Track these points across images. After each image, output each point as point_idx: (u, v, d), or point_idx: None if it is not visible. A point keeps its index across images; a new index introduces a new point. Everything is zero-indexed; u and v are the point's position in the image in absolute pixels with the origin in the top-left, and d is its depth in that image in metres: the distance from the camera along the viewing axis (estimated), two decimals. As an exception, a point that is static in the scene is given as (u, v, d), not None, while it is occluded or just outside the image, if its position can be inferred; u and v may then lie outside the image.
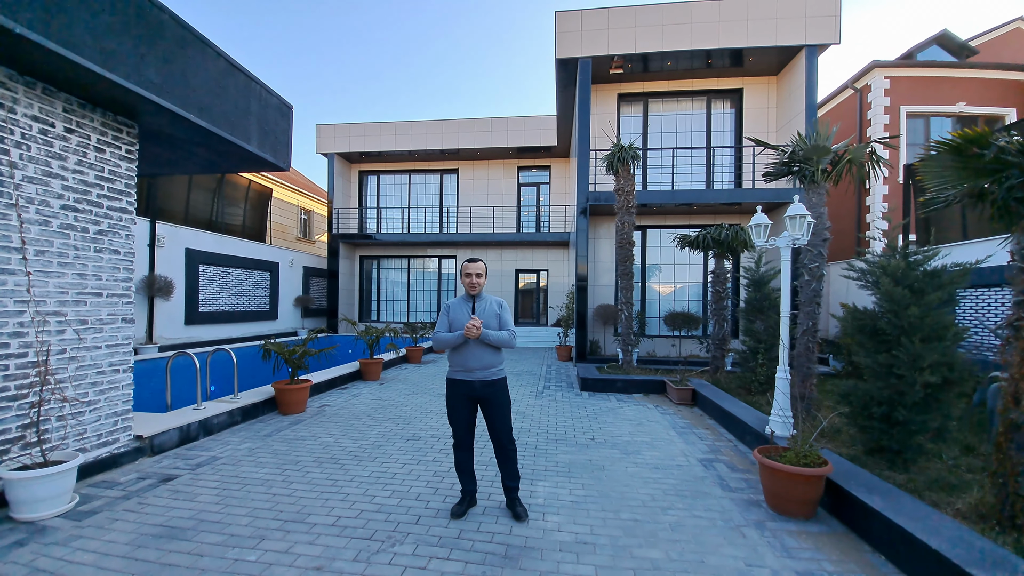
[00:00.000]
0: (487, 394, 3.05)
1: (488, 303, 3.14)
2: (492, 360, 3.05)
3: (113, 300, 3.64)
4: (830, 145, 5.31)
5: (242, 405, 5.14)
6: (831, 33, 9.49)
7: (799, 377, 5.12)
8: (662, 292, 11.08)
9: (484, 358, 3.03)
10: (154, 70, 3.26)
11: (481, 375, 3.03)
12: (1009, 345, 2.62)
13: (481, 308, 3.09)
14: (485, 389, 3.04)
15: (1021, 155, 2.33)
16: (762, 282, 6.72)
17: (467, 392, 3.05)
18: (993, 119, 11.46)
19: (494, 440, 3.12)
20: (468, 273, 3.10)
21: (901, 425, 3.58)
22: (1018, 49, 12.61)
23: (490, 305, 3.13)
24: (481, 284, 3.09)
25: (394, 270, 16.64)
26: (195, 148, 4.38)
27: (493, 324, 3.06)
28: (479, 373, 3.02)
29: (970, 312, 7.02)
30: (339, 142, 15.52)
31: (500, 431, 3.08)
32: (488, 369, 3.04)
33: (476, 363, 3.01)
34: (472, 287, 3.09)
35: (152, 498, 3.18)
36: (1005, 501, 2.46)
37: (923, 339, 3.59)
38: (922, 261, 3.80)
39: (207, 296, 10.80)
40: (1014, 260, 2.62)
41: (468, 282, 3.10)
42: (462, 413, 3.07)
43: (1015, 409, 2.49)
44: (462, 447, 3.11)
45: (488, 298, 3.16)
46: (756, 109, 10.84)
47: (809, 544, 2.72)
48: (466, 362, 3.03)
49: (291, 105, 5.42)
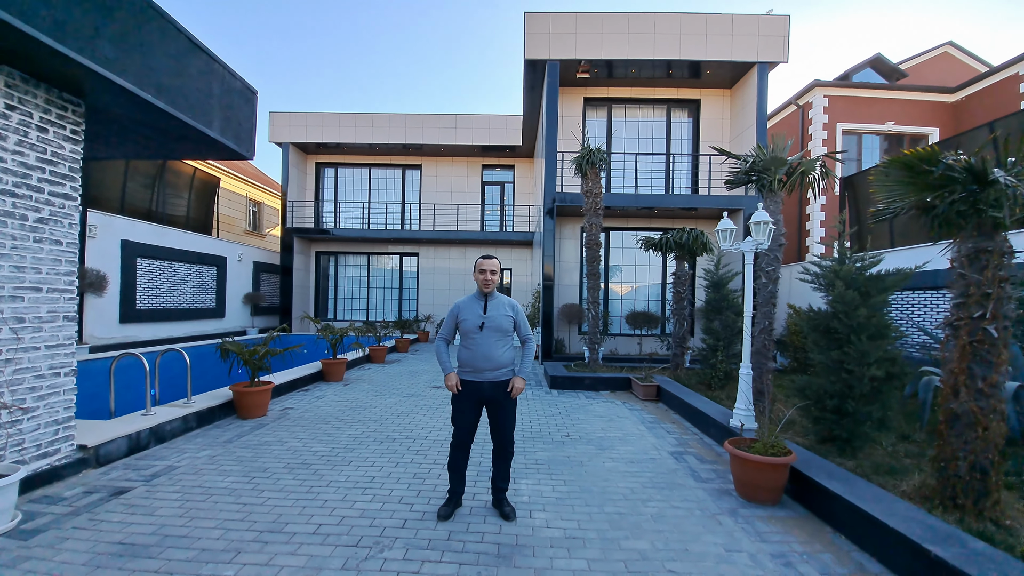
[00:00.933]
0: (496, 395, 2.98)
1: (501, 304, 3.03)
2: (503, 360, 2.97)
3: (54, 296, 3.28)
4: (786, 157, 5.70)
5: (197, 410, 4.79)
6: (780, 52, 10.18)
7: (757, 372, 5.46)
8: (622, 292, 11.43)
9: (494, 358, 2.94)
10: (110, 45, 2.97)
11: (491, 376, 2.96)
12: (948, 343, 2.93)
13: (493, 308, 2.99)
14: (494, 391, 2.97)
15: (965, 172, 2.62)
16: (721, 283, 7.10)
17: (476, 393, 2.98)
18: (918, 137, 12.75)
19: (496, 441, 3.07)
20: (483, 270, 3.00)
21: (850, 416, 3.91)
22: (944, 72, 14.09)
23: (502, 305, 3.03)
24: (495, 282, 3.01)
25: (353, 267, 16.09)
26: (150, 131, 4.03)
27: (505, 326, 2.98)
28: (489, 374, 2.95)
29: (897, 312, 7.77)
30: (294, 131, 14.78)
31: (504, 433, 3.03)
32: (498, 370, 2.97)
33: (486, 363, 2.93)
34: (486, 284, 2.99)
35: (104, 513, 2.90)
36: (946, 483, 2.75)
37: (870, 337, 3.94)
38: (868, 266, 4.18)
39: (146, 292, 9.95)
40: (954, 266, 2.94)
41: (482, 279, 3.00)
42: (468, 415, 3.00)
43: (954, 400, 2.80)
44: (462, 448, 3.03)
45: (501, 298, 3.07)
46: (712, 119, 11.43)
47: (779, 528, 2.92)
48: (475, 362, 2.94)
49: (255, 90, 5.11)
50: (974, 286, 2.77)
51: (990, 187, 2.57)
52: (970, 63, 14.12)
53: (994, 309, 2.66)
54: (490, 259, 3.02)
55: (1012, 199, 2.49)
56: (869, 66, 13.83)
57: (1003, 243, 2.69)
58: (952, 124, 12.60)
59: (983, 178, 2.58)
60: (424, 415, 5.52)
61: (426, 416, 5.47)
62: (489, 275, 2.99)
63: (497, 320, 2.96)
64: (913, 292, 7.49)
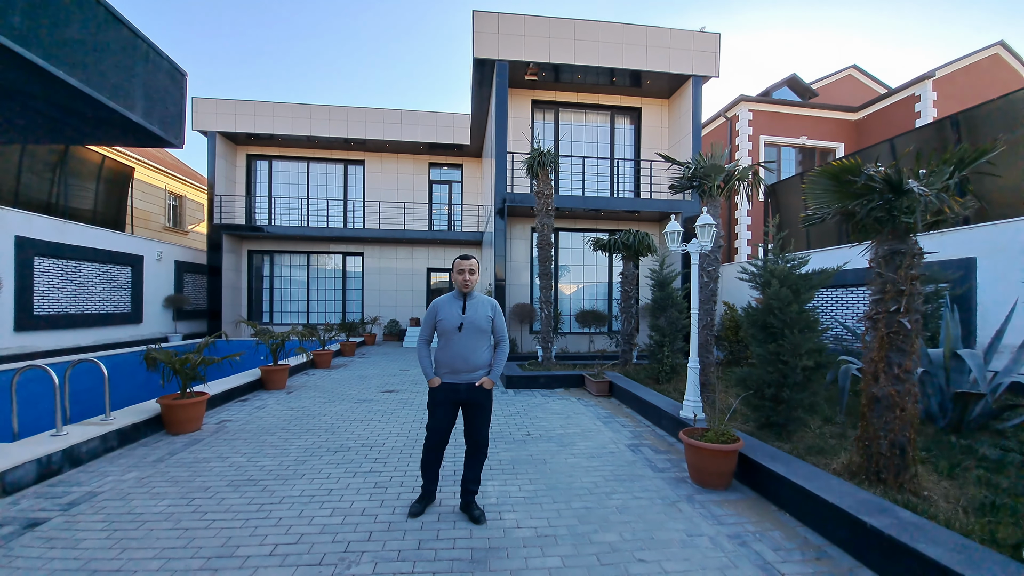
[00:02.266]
0: (472, 397, 2.97)
1: (480, 303, 3.01)
2: (480, 361, 2.96)
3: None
4: (724, 165, 6.13)
5: (119, 427, 4.27)
6: (712, 67, 10.93)
7: (701, 366, 5.82)
8: (570, 291, 11.73)
9: (472, 359, 2.93)
10: (18, 14, 2.57)
11: (468, 377, 2.95)
12: (869, 334, 3.29)
13: (472, 308, 2.98)
14: (471, 392, 2.96)
15: (883, 183, 2.96)
16: (666, 283, 7.49)
17: (452, 396, 2.95)
18: (827, 151, 14.23)
19: (470, 442, 3.05)
20: (461, 270, 2.97)
21: (786, 403, 4.28)
22: (848, 93, 15.83)
23: (482, 306, 3.01)
24: (474, 281, 2.99)
25: (291, 267, 15.15)
26: (63, 113, 3.54)
27: (484, 326, 2.96)
28: (465, 375, 2.94)
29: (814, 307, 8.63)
30: (222, 120, 13.65)
31: (479, 434, 3.02)
32: (476, 371, 2.96)
33: (463, 364, 2.92)
34: (465, 285, 2.96)
35: (20, 549, 2.50)
36: (870, 460, 3.10)
37: (801, 330, 4.34)
38: (799, 266, 4.60)
39: (45, 296, 8.72)
40: (872, 266, 3.31)
41: (461, 279, 2.97)
42: (445, 418, 2.97)
43: (875, 385, 3.15)
44: (436, 449, 3.01)
45: (480, 297, 3.05)
46: (652, 127, 12.04)
47: (732, 511, 3.13)
48: (453, 363, 2.92)
49: (185, 72, 4.65)
50: (890, 284, 3.13)
51: (904, 196, 2.93)
52: (871, 85, 16.01)
53: (907, 304, 3.03)
54: (468, 259, 3.00)
55: (923, 206, 2.85)
56: (786, 85, 15.24)
57: (914, 246, 3.07)
58: (855, 140, 14.21)
59: (899, 188, 2.93)
60: (379, 421, 5.32)
61: (381, 422, 5.28)
62: (468, 275, 2.97)
63: (477, 321, 2.94)
64: (826, 289, 8.35)
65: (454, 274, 3.03)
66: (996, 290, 5.49)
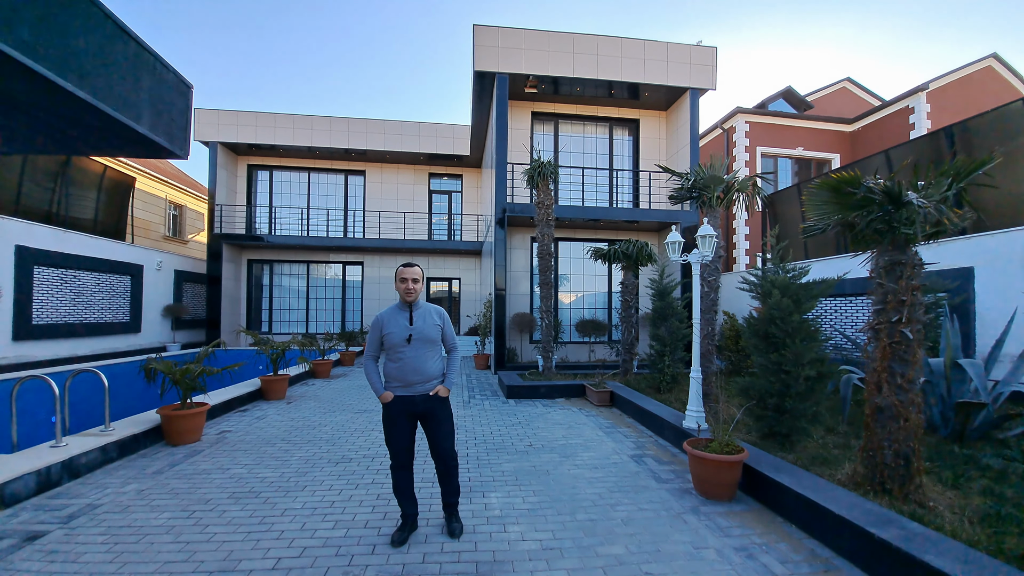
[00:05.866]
0: (428, 408, 2.88)
1: (426, 312, 2.93)
2: (434, 371, 2.89)
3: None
4: (723, 176, 6.19)
5: (118, 438, 4.24)
6: (709, 80, 11.08)
7: (703, 376, 5.81)
8: (570, 301, 11.74)
9: (425, 369, 2.85)
10: (26, 27, 2.60)
11: (422, 388, 2.86)
12: (871, 345, 3.31)
13: (419, 317, 2.89)
14: (427, 403, 2.87)
15: (883, 194, 3.00)
16: (666, 292, 7.52)
17: (407, 408, 2.85)
18: (822, 162, 14.38)
19: (436, 457, 2.94)
20: (404, 278, 2.86)
21: (789, 413, 4.28)
22: (843, 105, 16.05)
23: (429, 315, 2.93)
24: (418, 291, 2.90)
25: (290, 276, 15.14)
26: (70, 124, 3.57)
27: (434, 336, 2.89)
28: (419, 387, 2.85)
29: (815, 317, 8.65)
30: (224, 130, 13.74)
31: (443, 447, 2.92)
32: (429, 382, 2.88)
33: (416, 376, 2.83)
34: (408, 293, 2.87)
35: (20, 562, 2.47)
36: (875, 470, 3.09)
37: (802, 340, 4.35)
38: (800, 276, 4.63)
39: (44, 305, 8.69)
40: (872, 276, 3.34)
41: (404, 288, 2.87)
42: (402, 432, 2.85)
43: (878, 395, 3.16)
44: (402, 467, 2.89)
45: (426, 306, 2.96)
46: (650, 139, 12.16)
47: (737, 522, 3.11)
48: (405, 375, 2.82)
49: (190, 84, 4.72)
50: (891, 294, 3.16)
51: (904, 207, 2.96)
52: (865, 97, 16.24)
53: (909, 314, 3.05)
54: (411, 267, 2.90)
55: (923, 218, 2.88)
56: (782, 97, 15.45)
57: (914, 256, 3.10)
58: (850, 151, 14.38)
59: (898, 199, 2.97)
60: (380, 432, 5.28)
61: (382, 433, 5.22)
62: (411, 283, 2.87)
63: (426, 331, 2.86)
64: (826, 299, 8.39)
65: (396, 282, 2.90)
66: (994, 299, 5.53)
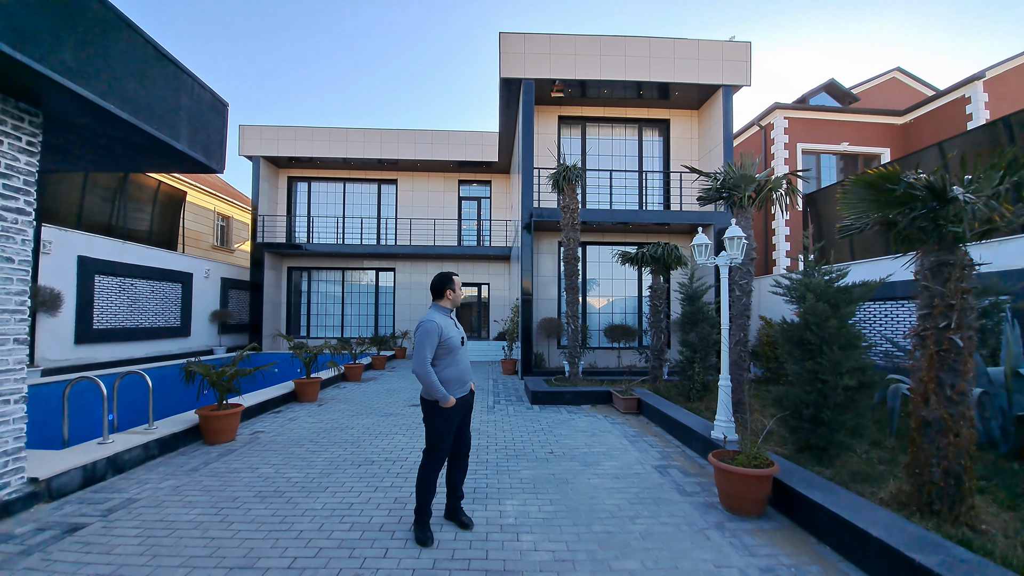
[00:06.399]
0: (468, 401, 3.17)
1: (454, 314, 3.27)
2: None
3: (4, 317, 3.03)
4: (755, 175, 5.93)
5: (159, 436, 4.50)
6: (743, 76, 10.68)
7: (734, 384, 5.55)
8: (599, 305, 11.54)
9: (470, 368, 3.20)
10: (71, 53, 2.83)
11: (469, 385, 3.18)
12: (917, 352, 3.05)
13: (458, 321, 3.21)
14: (470, 398, 3.21)
15: (925, 190, 2.76)
16: (696, 296, 7.26)
17: (463, 407, 3.10)
18: (871, 157, 13.53)
19: (461, 445, 3.17)
20: (460, 286, 3.21)
21: (826, 425, 4.01)
22: (893, 96, 15.07)
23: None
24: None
25: (327, 283, 15.71)
26: (114, 144, 3.84)
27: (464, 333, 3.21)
28: (468, 384, 3.15)
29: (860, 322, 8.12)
30: (266, 145, 14.47)
31: (467, 432, 3.18)
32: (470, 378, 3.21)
33: (469, 374, 3.14)
34: (459, 300, 3.22)
35: (59, 553, 2.65)
36: (921, 489, 2.83)
37: (841, 347, 4.07)
38: (837, 279, 4.34)
39: (104, 311, 9.40)
40: (918, 279, 3.08)
41: (460, 296, 3.24)
42: (453, 432, 3.07)
43: (925, 407, 2.90)
44: (440, 468, 3.06)
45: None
46: (681, 138, 11.83)
47: (765, 541, 2.93)
48: (463, 375, 3.08)
49: (226, 102, 4.97)
50: (938, 298, 2.90)
51: (950, 204, 2.72)
52: (917, 87, 15.19)
53: (958, 319, 2.79)
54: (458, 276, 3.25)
55: (971, 215, 2.64)
56: (824, 90, 14.67)
57: (963, 256, 2.84)
58: (902, 144, 13.45)
59: (943, 195, 2.73)
60: (403, 435, 5.36)
61: (405, 436, 5.31)
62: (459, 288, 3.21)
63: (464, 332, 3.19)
64: (873, 302, 7.85)
65: (454, 289, 3.12)
66: (1068, 303, 4.99)
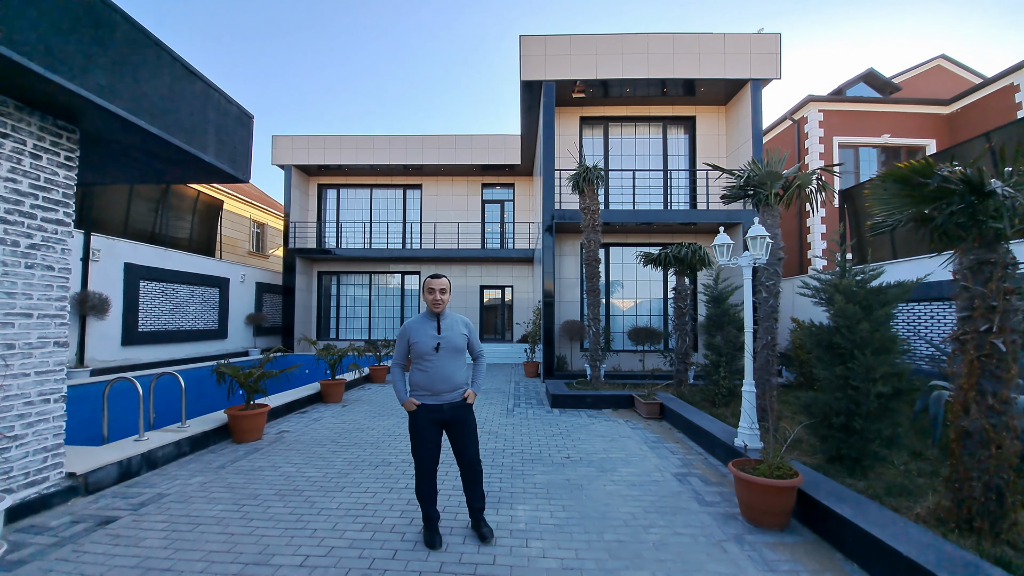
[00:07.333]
0: (455, 416, 2.92)
1: (454, 322, 2.98)
2: (461, 380, 2.95)
3: (45, 321, 3.25)
4: (781, 171, 5.69)
5: (191, 434, 4.71)
6: (773, 69, 10.29)
7: (760, 389, 5.33)
8: (624, 308, 11.35)
9: (453, 379, 2.89)
10: (102, 72, 3.01)
11: (449, 398, 2.91)
12: (956, 358, 2.84)
13: (447, 327, 2.93)
14: (454, 411, 2.92)
15: (962, 183, 2.57)
16: (721, 298, 7.02)
17: (435, 416, 2.89)
18: (914, 149, 12.76)
19: (462, 464, 2.98)
20: (432, 289, 2.92)
21: (858, 434, 3.78)
22: (938, 85, 14.19)
23: (456, 324, 2.98)
24: (445, 301, 2.94)
25: (355, 286, 16.12)
26: (146, 157, 4.07)
27: (460, 345, 2.94)
28: (447, 396, 2.90)
29: (903, 325, 7.64)
30: (297, 154, 15.01)
31: (469, 454, 2.96)
32: (456, 390, 2.93)
33: (444, 385, 2.87)
34: (436, 304, 2.91)
35: (89, 544, 2.81)
36: (961, 505, 2.63)
37: (874, 352, 3.84)
38: (868, 279, 4.10)
39: (148, 314, 9.96)
40: (957, 279, 2.87)
41: (432, 299, 2.92)
42: (429, 440, 2.90)
43: (965, 417, 2.69)
44: (427, 475, 2.93)
45: (453, 316, 3.01)
46: (708, 135, 11.51)
47: (787, 556, 2.78)
48: (434, 384, 2.87)
49: (252, 115, 5.18)
50: (979, 299, 2.69)
51: (988, 198, 2.52)
52: (963, 75, 14.23)
53: (1001, 322, 2.58)
54: (439, 278, 2.95)
55: (1011, 210, 2.43)
56: (862, 81, 13.95)
57: (1006, 254, 2.62)
58: (948, 135, 12.62)
59: (980, 189, 2.53)
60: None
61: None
62: (439, 294, 2.92)
63: (453, 340, 2.91)
64: (920, 303, 7.38)
65: (424, 293, 2.96)
66: None
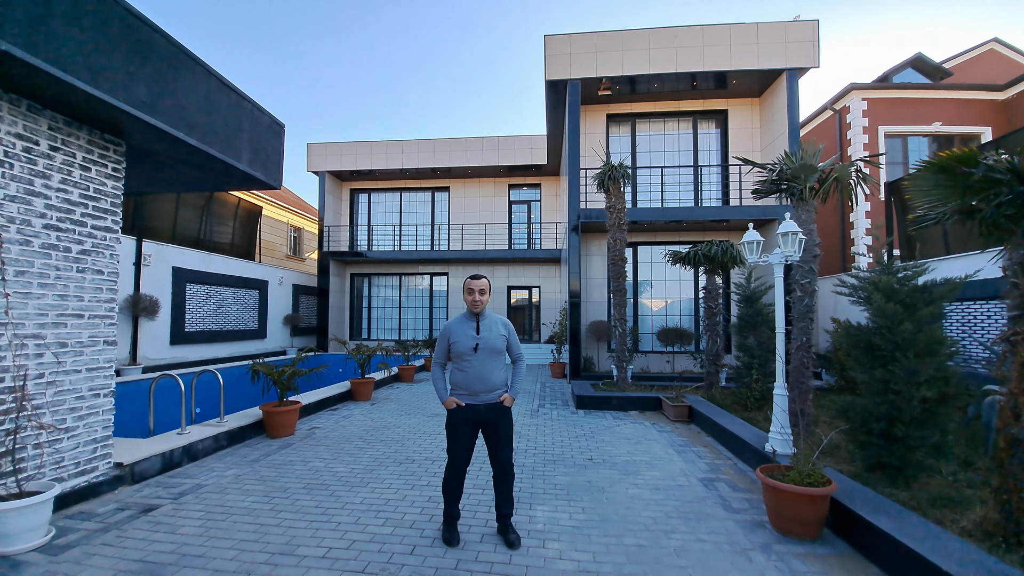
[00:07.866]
0: (491, 418, 2.94)
1: (493, 323, 2.99)
2: (499, 381, 2.95)
3: (95, 322, 3.51)
4: (816, 164, 5.42)
5: (228, 429, 4.96)
6: (810, 57, 9.82)
7: (795, 392, 5.10)
8: (653, 308, 11.11)
9: (490, 380, 2.91)
10: (143, 88, 3.22)
11: (487, 398, 2.92)
12: (1006, 360, 2.63)
13: (486, 328, 2.94)
14: (490, 412, 2.93)
15: (1010, 172, 2.38)
16: (754, 298, 6.76)
17: (471, 417, 2.92)
18: (968, 138, 11.88)
19: (495, 465, 3.00)
20: (471, 290, 2.94)
21: (900, 441, 3.56)
22: (991, 69, 13.17)
23: (495, 326, 2.98)
24: (484, 302, 2.95)
25: (385, 287, 16.52)
26: (184, 166, 4.32)
27: (498, 346, 2.95)
28: (484, 396, 2.92)
29: (956, 325, 7.13)
30: (330, 160, 15.54)
31: (503, 456, 2.97)
32: (493, 391, 2.93)
33: (482, 386, 2.90)
34: (475, 305, 2.94)
35: (132, 530, 3.01)
36: (1009, 518, 2.43)
37: (917, 354, 3.60)
38: (912, 277, 3.85)
39: (194, 315, 10.56)
40: (1007, 275, 2.66)
41: (471, 300, 2.94)
42: (464, 440, 2.94)
43: (1015, 424, 2.49)
44: (458, 474, 2.97)
45: (492, 317, 3.02)
46: (741, 129, 11.11)
47: (817, 567, 2.65)
48: (471, 384, 2.90)
49: (283, 124, 5.40)
50: (1032, 296, 2.49)
51: (1041, 187, 2.32)
52: (1017, 59, 13.13)
53: (1056, 322, 2.37)
54: (479, 279, 2.96)
55: (1067, 199, 2.23)
56: (910, 66, 13.10)
57: (1062, 248, 2.41)
58: (1005, 122, 11.67)
59: (1031, 177, 2.34)
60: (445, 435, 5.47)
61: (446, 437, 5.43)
62: (478, 295, 2.93)
63: (492, 341, 2.91)
64: (975, 302, 6.86)
65: (464, 294, 2.99)
66: None
